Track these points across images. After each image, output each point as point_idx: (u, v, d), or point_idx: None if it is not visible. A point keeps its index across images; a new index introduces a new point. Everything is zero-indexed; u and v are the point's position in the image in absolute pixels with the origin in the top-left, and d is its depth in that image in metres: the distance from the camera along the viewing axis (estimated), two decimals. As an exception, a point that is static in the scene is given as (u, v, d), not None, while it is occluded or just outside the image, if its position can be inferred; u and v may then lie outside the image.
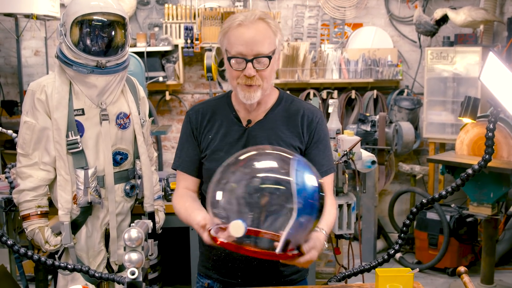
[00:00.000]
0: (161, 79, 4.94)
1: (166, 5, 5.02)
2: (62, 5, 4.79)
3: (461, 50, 4.82)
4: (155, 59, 5.02)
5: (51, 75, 2.36)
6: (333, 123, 3.08)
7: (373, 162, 2.96)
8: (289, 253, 1.47)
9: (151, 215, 2.50)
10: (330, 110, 3.12)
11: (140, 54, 4.74)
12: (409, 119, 4.99)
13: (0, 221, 3.05)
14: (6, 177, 2.75)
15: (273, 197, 1.46)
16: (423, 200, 1.67)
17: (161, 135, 5.20)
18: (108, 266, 2.46)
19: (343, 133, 3.00)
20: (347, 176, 3.00)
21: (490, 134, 1.59)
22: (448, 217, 4.37)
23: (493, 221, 3.91)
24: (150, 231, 1.58)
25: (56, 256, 2.37)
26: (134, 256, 1.43)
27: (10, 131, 2.96)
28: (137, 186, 2.48)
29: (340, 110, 5.19)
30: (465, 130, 4.06)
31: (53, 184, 2.37)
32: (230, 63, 1.72)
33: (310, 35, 5.36)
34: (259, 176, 1.49)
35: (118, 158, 2.40)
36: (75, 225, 2.34)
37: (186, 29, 4.91)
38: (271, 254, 1.45)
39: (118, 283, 1.53)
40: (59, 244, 2.33)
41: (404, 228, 1.73)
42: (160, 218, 2.62)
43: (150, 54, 4.94)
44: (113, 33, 2.28)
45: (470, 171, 1.61)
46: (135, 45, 4.93)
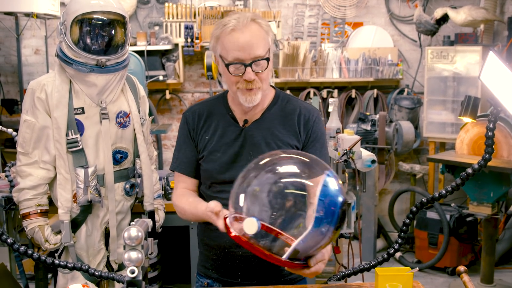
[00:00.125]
0: (161, 78, 4.94)
1: (167, 4, 5.02)
2: (62, 4, 4.79)
3: (461, 49, 4.82)
4: (155, 58, 5.02)
5: (51, 74, 2.36)
6: (333, 122, 3.08)
7: (373, 161, 2.95)
8: (295, 262, 1.46)
9: (151, 214, 2.50)
10: (330, 109, 3.12)
11: (140, 53, 4.74)
12: (409, 118, 4.99)
13: (0, 220, 3.04)
14: (6, 176, 2.75)
15: (294, 203, 1.47)
16: (423, 200, 1.67)
17: (161, 134, 5.20)
18: (108, 265, 2.46)
19: (343, 132, 3.00)
20: (347, 175, 3.00)
21: (490, 133, 1.59)
22: (448, 217, 4.37)
23: (493, 220, 3.91)
24: (150, 229, 1.58)
25: (56, 254, 2.38)
26: (134, 254, 1.43)
27: (10, 130, 2.96)
28: (137, 185, 2.48)
29: (340, 109, 5.19)
30: (465, 129, 4.06)
31: (53, 182, 2.37)
32: (229, 69, 1.70)
33: (311, 34, 5.36)
34: (284, 182, 1.49)
35: (118, 156, 2.40)
36: (75, 224, 2.35)
37: (186, 28, 4.90)
38: (277, 259, 1.45)
39: (118, 281, 1.53)
40: (59, 242, 2.33)
41: (404, 228, 1.72)
42: (160, 217, 2.62)
43: (150, 53, 4.94)
44: (113, 32, 2.28)
45: (470, 170, 1.61)
46: (135, 44, 4.93)
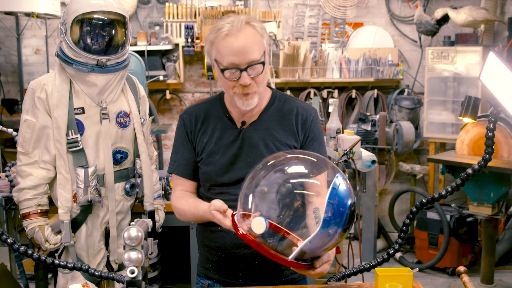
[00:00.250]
0: (161, 78, 4.94)
1: (167, 4, 5.02)
2: (63, 4, 4.79)
3: (461, 49, 4.82)
4: (156, 58, 5.02)
5: (51, 74, 2.36)
6: (334, 123, 3.08)
7: (373, 162, 2.95)
8: (301, 262, 1.47)
9: (151, 214, 2.50)
10: (331, 109, 3.12)
11: (140, 53, 4.74)
12: (409, 118, 4.98)
13: (0, 220, 3.05)
14: (6, 176, 2.75)
15: (302, 203, 1.49)
16: (423, 200, 1.66)
17: (161, 134, 5.20)
18: (108, 265, 2.46)
19: (343, 132, 3.00)
20: (347, 175, 3.00)
21: (490, 134, 1.59)
22: (448, 217, 4.37)
23: (493, 221, 3.91)
24: (150, 230, 1.58)
25: (56, 254, 2.37)
26: (133, 255, 1.43)
27: (10, 130, 2.96)
28: (137, 185, 2.48)
29: (341, 110, 5.19)
30: (466, 129, 4.05)
31: (53, 182, 2.37)
32: (224, 74, 1.69)
33: (311, 34, 5.36)
34: (293, 182, 1.51)
35: (118, 156, 2.40)
36: (75, 224, 2.35)
37: (187, 28, 4.90)
38: (283, 259, 1.45)
39: (118, 281, 1.53)
40: (59, 242, 2.33)
41: (404, 228, 1.72)
42: (160, 217, 2.61)
43: (150, 53, 4.94)
44: (113, 31, 2.28)
45: (470, 171, 1.60)
46: (135, 44, 4.93)
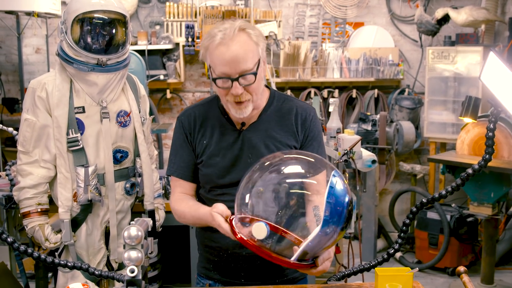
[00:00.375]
0: (162, 77, 4.94)
1: (167, 3, 5.02)
2: (63, 3, 4.79)
3: (462, 49, 4.82)
4: (156, 57, 5.02)
5: (52, 73, 2.36)
6: (334, 122, 3.08)
7: (373, 162, 2.95)
8: (303, 262, 1.47)
9: (151, 213, 2.50)
10: (331, 109, 3.12)
11: (141, 52, 4.74)
12: (410, 118, 4.98)
13: (1, 219, 3.05)
14: (7, 175, 2.75)
15: (299, 202, 1.50)
16: (423, 200, 1.66)
17: (162, 133, 5.20)
18: (108, 264, 2.46)
19: (343, 132, 3.00)
20: (347, 175, 3.00)
21: (491, 134, 1.58)
22: (449, 217, 4.37)
23: (493, 221, 3.91)
24: (150, 229, 1.57)
25: (56, 253, 2.37)
26: (133, 254, 1.43)
27: (10, 129, 2.96)
28: (137, 184, 2.48)
29: (341, 109, 5.19)
30: (466, 130, 4.05)
31: (53, 181, 2.37)
32: (216, 83, 1.68)
33: (311, 34, 5.36)
34: (289, 182, 1.53)
35: (119, 156, 2.39)
36: (75, 223, 2.35)
37: (187, 27, 4.90)
38: (285, 261, 1.46)
39: (118, 281, 1.53)
40: (59, 241, 2.34)
41: (404, 228, 1.72)
42: (160, 216, 2.61)
43: (151, 52, 4.93)
44: (113, 31, 2.28)
45: (470, 171, 1.60)
46: (136, 43, 4.93)
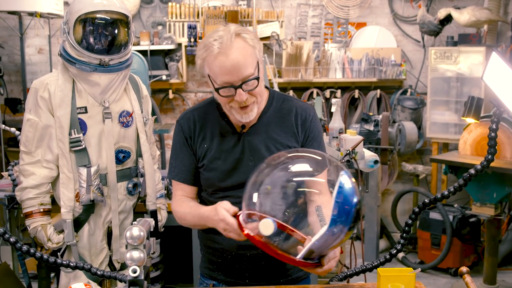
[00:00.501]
0: (164, 77, 4.94)
1: (170, 4, 5.02)
2: (66, 3, 4.79)
3: (464, 50, 4.81)
4: (159, 58, 5.03)
5: (54, 73, 2.36)
6: (336, 122, 3.08)
7: (375, 162, 2.95)
8: (309, 261, 1.47)
9: (153, 214, 2.50)
10: (333, 109, 3.12)
11: (143, 52, 4.75)
12: (412, 118, 4.98)
13: (3, 219, 3.05)
14: (9, 175, 2.76)
15: (306, 201, 1.50)
16: (426, 200, 1.66)
17: (164, 134, 5.20)
18: (110, 264, 2.46)
19: (346, 132, 3.00)
20: (349, 175, 2.99)
21: (493, 134, 1.58)
22: (451, 217, 4.36)
23: (496, 221, 3.90)
24: (152, 229, 1.58)
25: (58, 254, 2.38)
26: (136, 254, 1.43)
27: (13, 129, 2.97)
28: (140, 184, 2.48)
29: (343, 110, 5.18)
30: (468, 130, 4.04)
31: (56, 182, 2.38)
32: (219, 93, 1.66)
33: (314, 34, 5.36)
34: (297, 180, 1.53)
35: (121, 156, 2.40)
36: (78, 223, 2.35)
37: (190, 27, 4.90)
38: (291, 259, 1.45)
39: (120, 281, 1.53)
40: (62, 242, 2.34)
41: (406, 228, 1.72)
42: (162, 216, 2.61)
43: (153, 52, 4.94)
44: (116, 31, 2.28)
45: (472, 171, 1.60)
46: (138, 44, 4.93)
